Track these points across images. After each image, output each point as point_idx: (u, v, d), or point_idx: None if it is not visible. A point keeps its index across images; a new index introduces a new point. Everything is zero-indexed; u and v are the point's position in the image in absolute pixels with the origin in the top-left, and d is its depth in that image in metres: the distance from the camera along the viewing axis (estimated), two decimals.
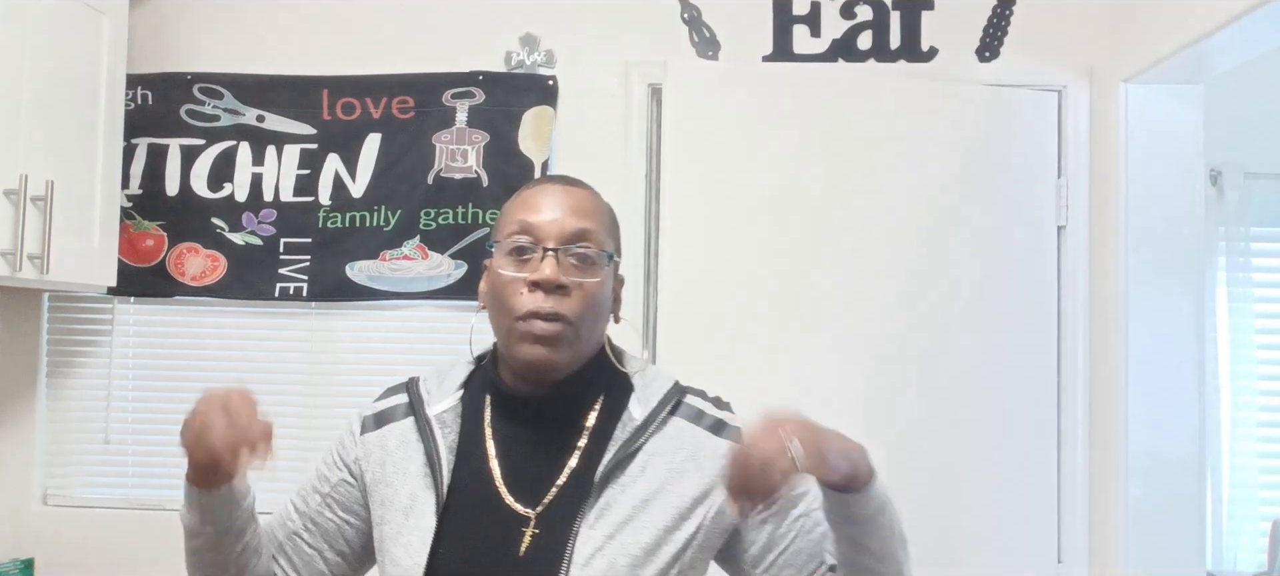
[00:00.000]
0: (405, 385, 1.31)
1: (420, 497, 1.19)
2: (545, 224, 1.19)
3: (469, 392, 1.27)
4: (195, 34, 2.51)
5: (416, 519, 1.18)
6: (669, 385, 1.25)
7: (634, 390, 1.24)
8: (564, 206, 1.21)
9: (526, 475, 1.19)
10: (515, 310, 1.17)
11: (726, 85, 2.33)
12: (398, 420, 1.27)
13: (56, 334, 2.51)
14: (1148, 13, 2.19)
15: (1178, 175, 2.26)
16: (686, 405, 1.24)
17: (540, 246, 1.18)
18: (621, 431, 1.19)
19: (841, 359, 2.28)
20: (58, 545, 2.45)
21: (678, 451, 1.19)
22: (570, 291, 1.17)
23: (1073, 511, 2.35)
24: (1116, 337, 2.26)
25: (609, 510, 1.14)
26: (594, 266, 1.19)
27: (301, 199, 2.47)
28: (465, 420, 1.24)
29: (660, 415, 1.21)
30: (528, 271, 1.17)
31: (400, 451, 1.24)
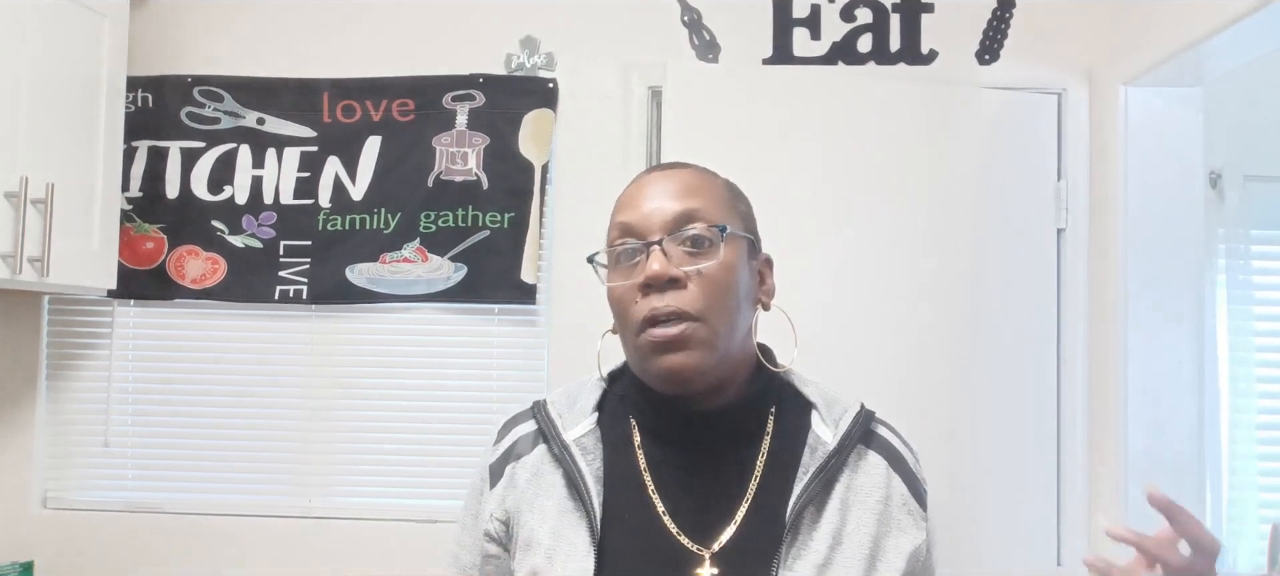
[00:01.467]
0: (530, 411, 1.14)
1: (566, 536, 1.02)
2: (644, 217, 1.05)
3: (604, 415, 1.11)
4: (196, 36, 2.52)
5: (565, 561, 1.01)
6: (857, 408, 1.11)
7: (815, 408, 1.09)
8: (663, 192, 1.06)
9: (692, 506, 1.03)
10: (634, 320, 1.03)
11: (727, 88, 2.33)
12: (526, 453, 1.10)
13: (56, 336, 2.51)
14: (1147, 15, 2.19)
15: (1177, 178, 2.27)
16: (880, 438, 1.10)
17: (644, 243, 1.04)
18: (810, 457, 1.04)
19: (841, 360, 2.28)
20: (57, 547, 2.44)
21: (874, 491, 1.05)
22: (686, 282, 1.02)
23: (1072, 513, 2.35)
24: (1116, 339, 2.26)
25: (805, 551, 0.99)
26: (710, 247, 1.04)
27: (301, 201, 2.47)
28: (608, 446, 1.08)
29: (853, 443, 1.07)
30: (637, 275, 1.03)
31: (532, 486, 1.08)
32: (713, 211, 1.06)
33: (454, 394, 2.47)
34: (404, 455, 2.46)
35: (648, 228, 1.05)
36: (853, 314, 2.29)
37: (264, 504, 2.47)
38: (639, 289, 1.03)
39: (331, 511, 2.45)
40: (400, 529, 2.41)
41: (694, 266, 1.03)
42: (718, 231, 1.05)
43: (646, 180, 1.10)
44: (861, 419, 1.09)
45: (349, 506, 2.46)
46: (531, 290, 2.41)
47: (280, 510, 2.45)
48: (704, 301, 1.02)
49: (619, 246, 1.06)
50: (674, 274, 1.02)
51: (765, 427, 1.08)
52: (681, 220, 1.04)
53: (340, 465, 2.47)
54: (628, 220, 1.06)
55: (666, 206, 1.05)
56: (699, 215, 1.05)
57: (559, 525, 1.04)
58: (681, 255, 1.04)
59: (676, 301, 1.01)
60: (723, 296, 1.03)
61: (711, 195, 1.08)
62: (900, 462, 1.09)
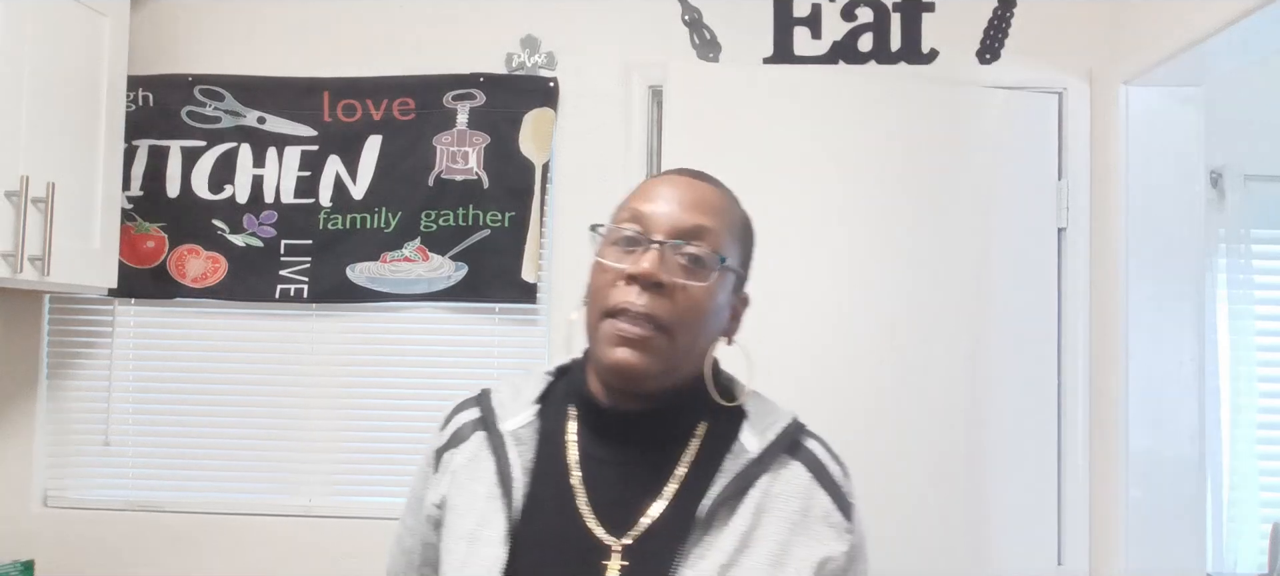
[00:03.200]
0: (475, 399, 1.17)
1: (489, 522, 1.05)
2: (657, 214, 1.06)
3: (547, 406, 1.13)
4: (196, 36, 2.52)
5: (483, 546, 1.04)
6: (788, 420, 1.12)
7: (746, 418, 1.10)
8: (683, 200, 1.07)
9: (614, 500, 1.05)
10: (606, 304, 1.04)
11: (727, 87, 2.33)
12: (465, 439, 1.13)
13: (57, 335, 2.51)
14: (1148, 15, 2.19)
15: (1178, 177, 2.27)
16: (806, 450, 1.10)
17: (646, 238, 1.05)
18: (732, 462, 1.06)
19: (841, 358, 2.28)
20: (58, 546, 2.45)
21: (792, 499, 1.06)
22: (670, 292, 1.03)
23: (1073, 512, 2.35)
24: (1117, 339, 2.26)
25: (711, 549, 1.00)
26: (704, 270, 1.05)
27: (302, 200, 2.47)
28: (543, 436, 1.10)
29: (778, 453, 1.07)
30: (628, 264, 1.04)
31: (467, 470, 1.11)
32: (721, 238, 1.08)
33: (454, 393, 2.40)
34: (404, 454, 2.46)
35: (657, 224, 1.06)
36: (852, 312, 2.29)
37: (264, 502, 2.47)
38: (625, 277, 1.04)
39: (332, 510, 2.45)
40: None
41: (682, 281, 1.04)
42: (717, 260, 1.06)
43: (673, 179, 1.11)
44: (790, 430, 1.10)
45: (349, 505, 2.46)
46: (532, 289, 2.41)
47: (281, 509, 2.46)
48: (677, 318, 1.03)
49: (625, 228, 1.07)
50: (664, 279, 1.03)
51: (695, 433, 1.10)
52: (690, 233, 1.05)
53: (340, 464, 2.47)
54: (642, 209, 1.07)
55: (682, 214, 1.06)
56: (707, 236, 1.06)
57: (484, 512, 1.06)
58: (676, 265, 1.04)
59: (654, 306, 1.03)
60: (696, 320, 1.05)
61: (726, 222, 1.09)
62: (824, 475, 1.10)
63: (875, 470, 2.26)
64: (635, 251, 1.05)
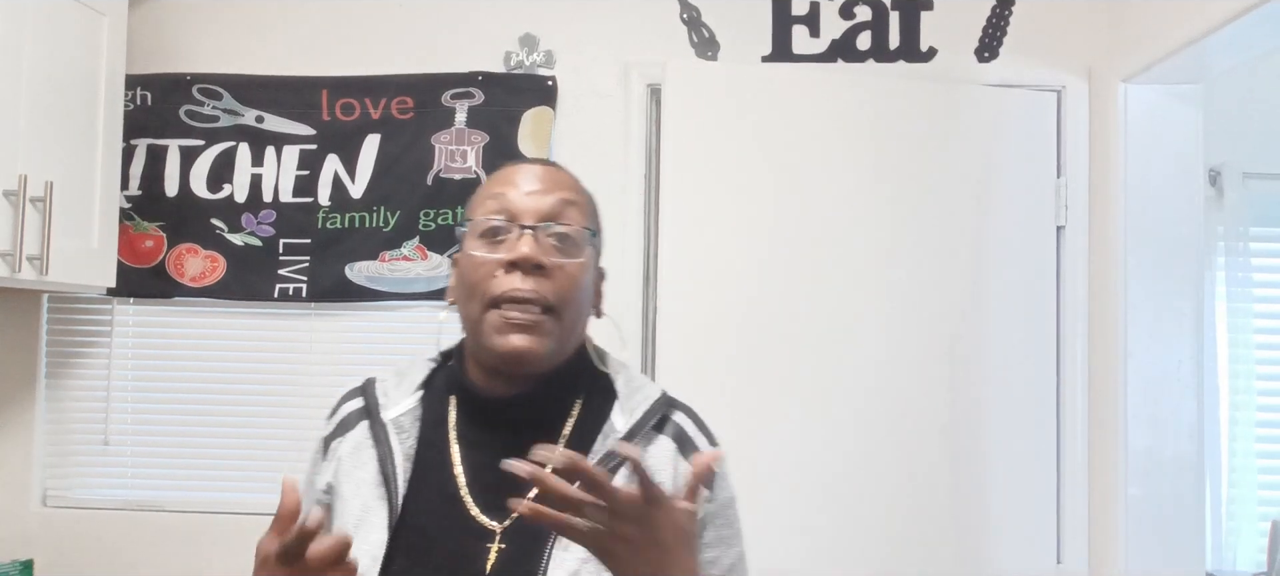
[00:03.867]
0: (360, 388, 1.20)
1: (373, 509, 1.07)
2: (522, 200, 1.08)
3: (430, 394, 1.15)
4: (194, 35, 2.51)
5: (366, 532, 1.05)
6: (656, 396, 1.14)
7: (617, 398, 1.13)
8: (542, 183, 1.10)
9: (492, 485, 1.05)
10: (488, 294, 1.05)
11: (726, 85, 2.33)
12: (351, 428, 1.15)
13: (56, 335, 2.51)
14: (1147, 13, 2.19)
15: (1177, 175, 2.26)
16: (674, 424, 1.13)
17: (516, 224, 1.07)
18: (602, 443, 1.08)
19: (841, 357, 2.28)
20: (57, 546, 2.45)
21: (658, 472, 1.08)
22: (551, 272, 1.06)
23: (1073, 511, 2.35)
24: (1116, 337, 2.26)
25: None
26: (577, 246, 1.09)
27: (301, 199, 2.47)
28: (426, 424, 1.12)
29: (645, 429, 1.10)
30: (503, 252, 1.06)
31: (351, 459, 1.12)
32: (583, 215, 1.12)
33: None
34: None
35: (523, 211, 1.08)
36: (851, 310, 2.29)
37: (264, 502, 2.45)
38: (502, 266, 1.06)
39: None
40: None
41: (559, 260, 1.07)
42: (587, 233, 1.11)
43: (527, 167, 1.14)
44: (658, 406, 1.13)
45: None
46: None
47: None
48: (562, 295, 1.07)
49: (492, 219, 1.09)
50: (543, 261, 1.06)
51: (571, 414, 1.12)
52: (556, 213, 1.09)
53: None
54: (505, 198, 1.09)
55: (545, 198, 1.09)
56: (572, 214, 1.10)
57: (367, 499, 1.08)
58: (550, 246, 1.07)
59: (539, 288, 1.05)
60: (576, 296, 1.09)
61: (582, 201, 1.14)
62: (689, 446, 1.12)
63: (875, 469, 2.27)
64: (505, 240, 1.07)
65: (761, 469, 2.23)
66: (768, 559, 2.22)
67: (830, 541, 2.24)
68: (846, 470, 2.25)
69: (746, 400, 2.24)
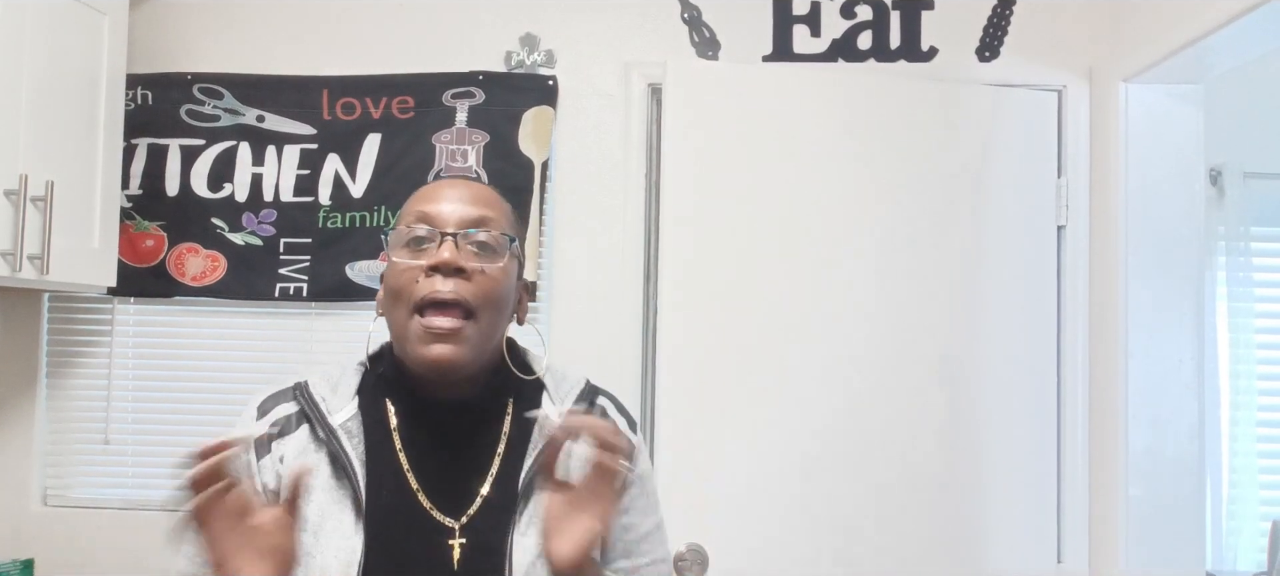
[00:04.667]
0: (290, 391, 1.20)
1: (331, 513, 1.11)
2: (443, 211, 1.15)
3: (364, 398, 1.19)
4: (195, 34, 2.51)
5: (330, 537, 1.10)
6: (581, 386, 1.25)
7: (545, 390, 1.22)
8: (463, 196, 1.17)
9: (443, 484, 1.14)
10: (411, 298, 1.11)
11: (726, 85, 2.33)
12: (290, 432, 1.17)
13: (56, 334, 2.51)
14: (1148, 12, 2.19)
15: (1178, 175, 2.27)
16: (599, 408, 1.24)
17: (438, 232, 1.13)
18: (539, 434, 1.17)
19: (840, 355, 2.28)
20: (57, 545, 2.45)
21: (587, 454, 1.13)
22: (471, 276, 1.12)
23: (1073, 511, 2.35)
24: (1116, 337, 2.26)
25: (536, 516, 1.12)
26: (495, 253, 1.15)
27: (301, 199, 2.47)
28: (368, 428, 1.17)
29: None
30: (425, 259, 1.12)
31: (297, 463, 1.13)
32: (503, 225, 1.18)
33: None
34: None
35: (444, 220, 1.14)
36: (852, 310, 2.29)
37: None
38: (424, 271, 1.11)
39: None
40: None
41: (479, 265, 1.13)
42: (506, 240, 1.16)
43: (447, 182, 1.21)
44: (584, 394, 1.24)
45: None
46: (532, 287, 2.41)
47: None
48: (481, 299, 1.12)
49: (415, 228, 1.14)
50: (463, 264, 1.11)
51: (506, 412, 1.20)
52: (475, 222, 1.15)
53: None
54: (426, 209, 1.15)
55: (464, 209, 1.15)
56: (491, 224, 1.16)
57: (324, 504, 1.12)
58: (469, 253, 1.13)
59: (460, 290, 1.11)
60: (497, 299, 1.15)
61: (501, 213, 1.19)
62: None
63: (875, 468, 2.27)
64: (428, 249, 1.13)
65: (761, 468, 2.23)
66: (768, 558, 2.23)
67: (830, 541, 2.24)
68: (846, 469, 2.25)
69: (747, 399, 2.25)
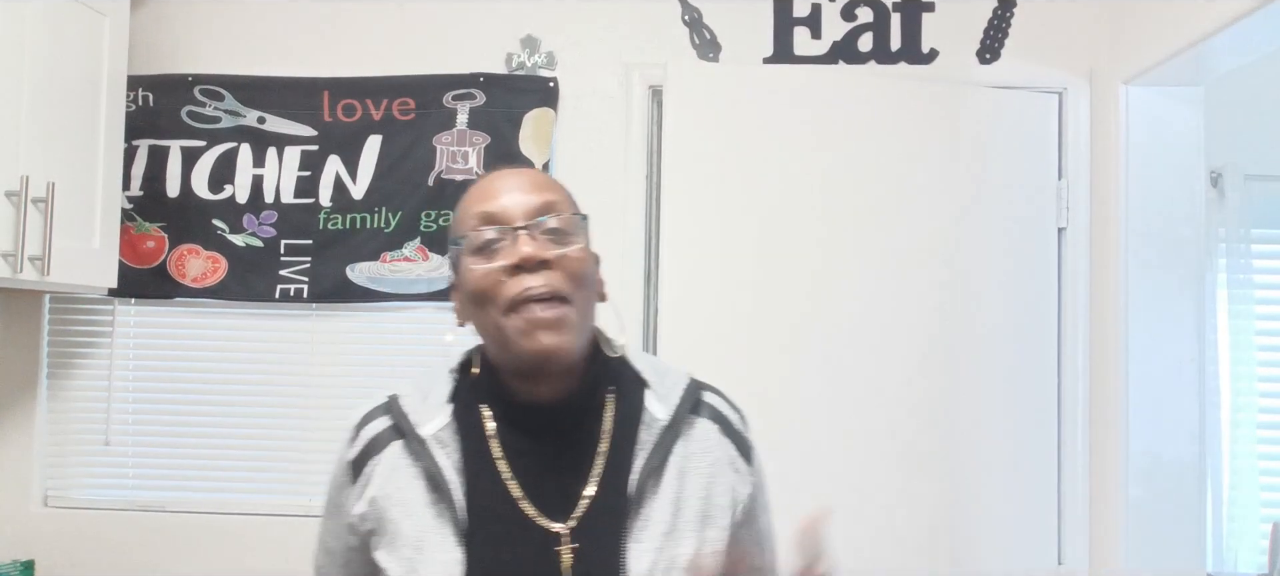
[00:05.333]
0: (383, 406, 1.17)
1: (432, 527, 1.06)
2: (506, 207, 1.08)
3: (458, 406, 1.13)
4: (196, 36, 2.51)
5: (433, 552, 1.05)
6: (686, 382, 1.17)
7: (648, 386, 1.14)
8: (520, 186, 1.10)
9: (546, 489, 1.08)
10: (504, 300, 1.04)
11: (727, 87, 2.33)
12: (382, 448, 1.13)
13: (57, 335, 2.51)
14: (1148, 15, 2.19)
15: (1178, 177, 2.27)
16: (707, 405, 1.16)
17: (510, 229, 1.07)
18: (647, 434, 1.10)
19: (841, 358, 2.28)
20: (58, 546, 2.45)
21: (705, 454, 1.12)
22: (555, 264, 1.05)
23: (1073, 511, 2.36)
24: (1117, 339, 2.26)
25: (650, 520, 1.06)
26: (571, 235, 1.09)
27: (302, 200, 2.47)
28: (463, 436, 1.11)
29: (684, 414, 1.13)
30: (503, 259, 1.05)
31: (392, 481, 1.10)
32: (569, 204, 1.12)
33: None
34: None
35: (511, 215, 1.08)
36: (852, 311, 2.29)
37: (264, 503, 2.47)
38: (508, 271, 1.05)
39: None
40: None
41: (559, 251, 1.07)
42: (579, 219, 1.11)
43: (500, 175, 1.14)
44: (690, 391, 1.16)
45: None
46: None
47: (281, 509, 2.45)
48: (571, 283, 1.06)
49: (484, 232, 1.08)
50: (546, 256, 1.05)
51: (606, 409, 1.13)
52: (542, 210, 1.08)
53: None
54: (489, 209, 1.09)
55: (527, 198, 1.09)
56: (557, 207, 1.10)
57: (424, 518, 1.07)
58: (545, 241, 1.07)
59: (551, 281, 1.05)
60: (585, 278, 1.09)
61: (563, 193, 1.13)
62: (728, 426, 1.17)
63: (874, 468, 2.27)
64: (502, 248, 1.07)
65: None
66: None
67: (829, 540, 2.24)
68: (846, 469, 2.25)
69: (746, 399, 2.24)
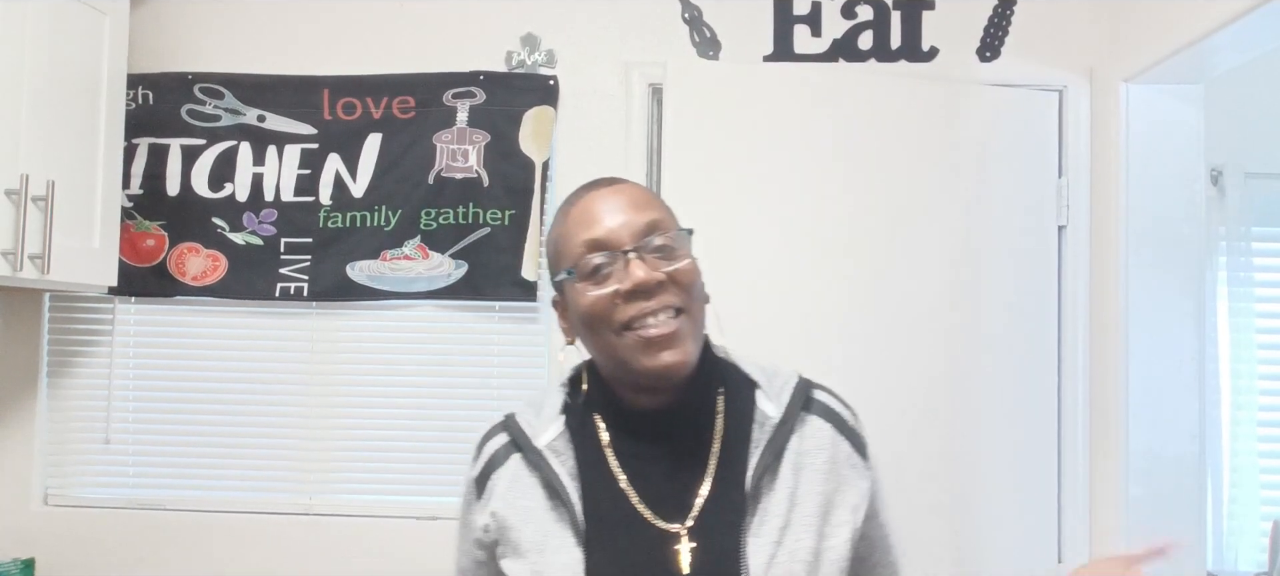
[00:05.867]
0: (501, 424, 1.21)
1: (552, 532, 1.09)
2: (613, 231, 1.10)
3: (571, 418, 1.17)
4: (196, 34, 2.52)
5: (554, 554, 1.08)
6: (795, 379, 1.19)
7: (757, 386, 1.16)
8: (621, 206, 1.11)
9: (664, 490, 1.11)
10: (616, 322, 1.08)
11: (727, 85, 2.33)
12: (502, 462, 1.17)
13: (57, 334, 2.51)
14: (1148, 13, 2.19)
15: (1178, 175, 2.26)
16: (819, 403, 1.18)
17: (619, 254, 1.09)
18: (759, 432, 1.13)
19: (841, 357, 2.28)
20: (58, 545, 2.45)
21: (819, 452, 1.14)
22: (667, 282, 1.08)
23: (1073, 511, 2.35)
24: (1117, 337, 2.26)
25: (767, 516, 1.08)
26: (679, 251, 1.11)
27: (302, 199, 2.47)
28: (578, 446, 1.14)
29: (796, 411, 1.15)
30: (614, 283, 1.08)
31: (512, 491, 1.14)
32: (670, 218, 1.14)
33: (454, 391, 2.47)
34: (404, 452, 2.46)
35: (619, 239, 1.09)
36: (852, 309, 2.29)
37: (264, 501, 2.47)
38: (622, 297, 1.07)
39: (332, 508, 2.46)
40: (400, 526, 2.42)
41: (670, 267, 1.09)
42: (684, 235, 1.12)
43: (599, 195, 1.14)
44: (801, 388, 1.18)
45: (349, 503, 2.46)
46: (532, 287, 2.41)
47: (280, 507, 2.46)
48: (685, 296, 1.09)
49: (590, 260, 1.10)
50: (659, 278, 1.08)
51: (717, 410, 1.15)
52: (649, 230, 1.10)
53: (340, 462, 2.47)
54: (595, 236, 1.10)
55: (632, 219, 1.11)
56: (661, 225, 1.11)
57: (544, 524, 1.10)
58: (654, 260, 1.09)
59: (665, 301, 1.08)
60: (697, 289, 1.12)
61: (662, 207, 1.15)
62: (840, 422, 1.18)
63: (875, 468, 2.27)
64: (613, 272, 1.09)
65: None
66: None
67: None
68: None
69: None
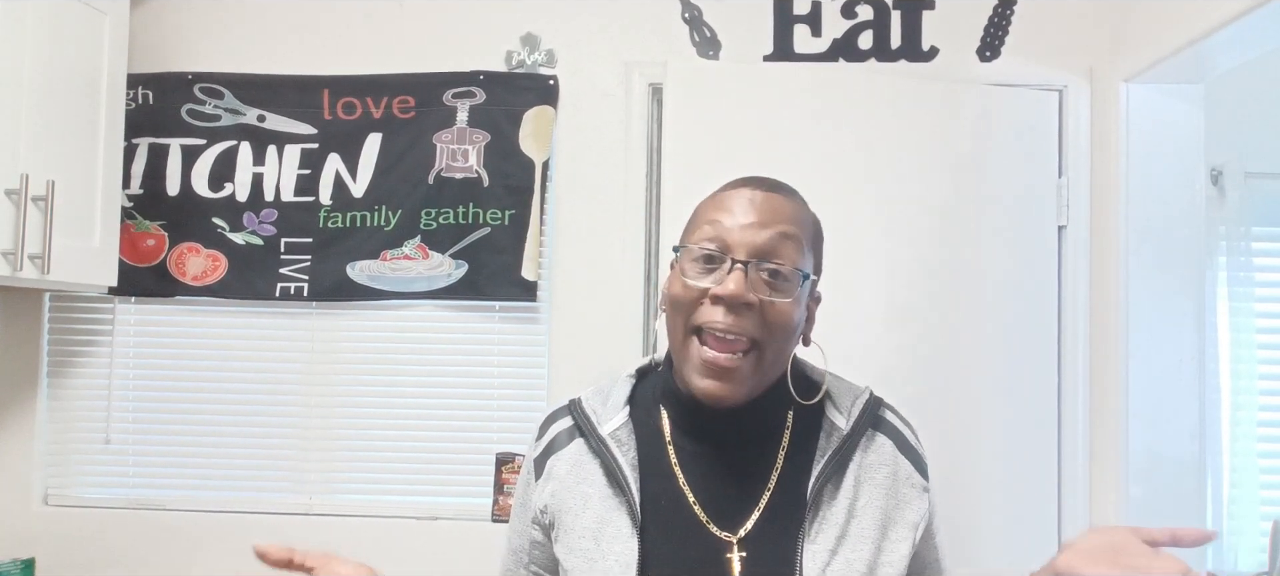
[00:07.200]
0: (566, 408, 1.20)
1: (610, 520, 1.09)
2: (738, 231, 1.07)
3: (636, 408, 1.17)
4: (196, 34, 2.52)
5: (610, 542, 1.08)
6: (866, 395, 1.19)
7: (828, 397, 1.16)
8: (761, 215, 1.08)
9: (720, 496, 1.09)
10: (690, 319, 1.07)
11: (727, 85, 2.33)
12: (564, 446, 1.17)
13: (57, 334, 2.51)
14: (1148, 12, 2.19)
15: (1178, 174, 2.26)
16: (887, 422, 1.18)
17: (729, 257, 1.06)
18: (826, 441, 1.12)
19: (841, 358, 2.28)
20: (58, 545, 2.45)
21: (882, 468, 1.13)
22: (758, 309, 1.05)
23: (1073, 511, 2.35)
24: (1117, 337, 2.26)
25: (825, 525, 1.07)
26: (787, 285, 1.07)
27: (302, 199, 2.47)
28: (640, 437, 1.14)
29: (864, 427, 1.15)
30: (712, 282, 1.06)
31: (572, 475, 1.14)
32: (800, 251, 1.09)
33: (454, 391, 2.47)
34: (404, 452, 2.46)
35: (738, 244, 1.07)
36: (853, 310, 2.29)
37: (265, 501, 2.47)
38: (710, 297, 1.06)
39: (332, 508, 2.46)
40: (401, 526, 2.42)
41: (769, 298, 1.06)
42: (800, 276, 1.08)
43: (747, 193, 1.11)
44: (871, 404, 1.18)
45: (349, 503, 2.46)
46: (532, 287, 2.41)
47: (281, 507, 2.46)
48: (767, 331, 1.06)
49: (705, 247, 1.08)
50: (751, 300, 1.05)
51: (786, 421, 1.14)
52: (769, 253, 1.07)
53: (341, 462, 2.47)
54: (719, 229, 1.08)
55: (763, 231, 1.07)
56: (787, 252, 1.08)
57: (602, 511, 1.10)
58: (759, 282, 1.06)
59: (741, 325, 1.05)
60: (783, 333, 1.08)
61: (803, 233, 1.11)
62: (904, 443, 1.18)
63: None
64: (716, 270, 1.07)
65: None
66: None
67: None
68: None
69: None
